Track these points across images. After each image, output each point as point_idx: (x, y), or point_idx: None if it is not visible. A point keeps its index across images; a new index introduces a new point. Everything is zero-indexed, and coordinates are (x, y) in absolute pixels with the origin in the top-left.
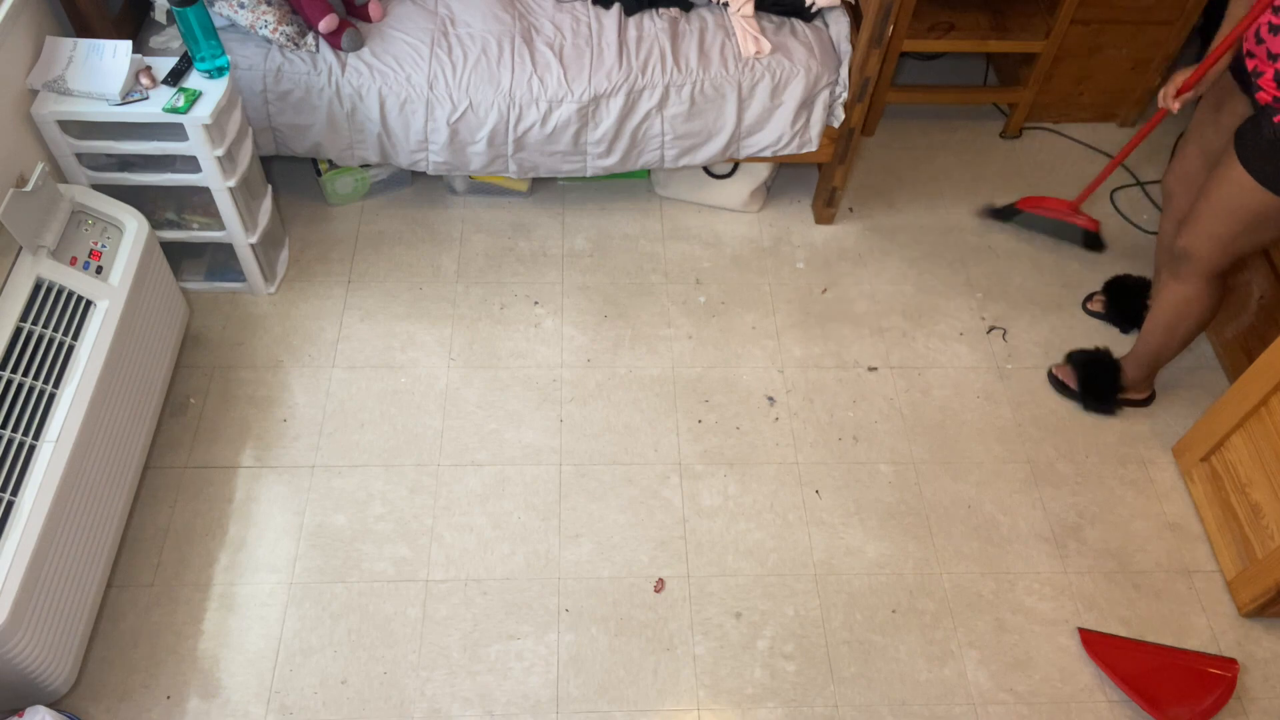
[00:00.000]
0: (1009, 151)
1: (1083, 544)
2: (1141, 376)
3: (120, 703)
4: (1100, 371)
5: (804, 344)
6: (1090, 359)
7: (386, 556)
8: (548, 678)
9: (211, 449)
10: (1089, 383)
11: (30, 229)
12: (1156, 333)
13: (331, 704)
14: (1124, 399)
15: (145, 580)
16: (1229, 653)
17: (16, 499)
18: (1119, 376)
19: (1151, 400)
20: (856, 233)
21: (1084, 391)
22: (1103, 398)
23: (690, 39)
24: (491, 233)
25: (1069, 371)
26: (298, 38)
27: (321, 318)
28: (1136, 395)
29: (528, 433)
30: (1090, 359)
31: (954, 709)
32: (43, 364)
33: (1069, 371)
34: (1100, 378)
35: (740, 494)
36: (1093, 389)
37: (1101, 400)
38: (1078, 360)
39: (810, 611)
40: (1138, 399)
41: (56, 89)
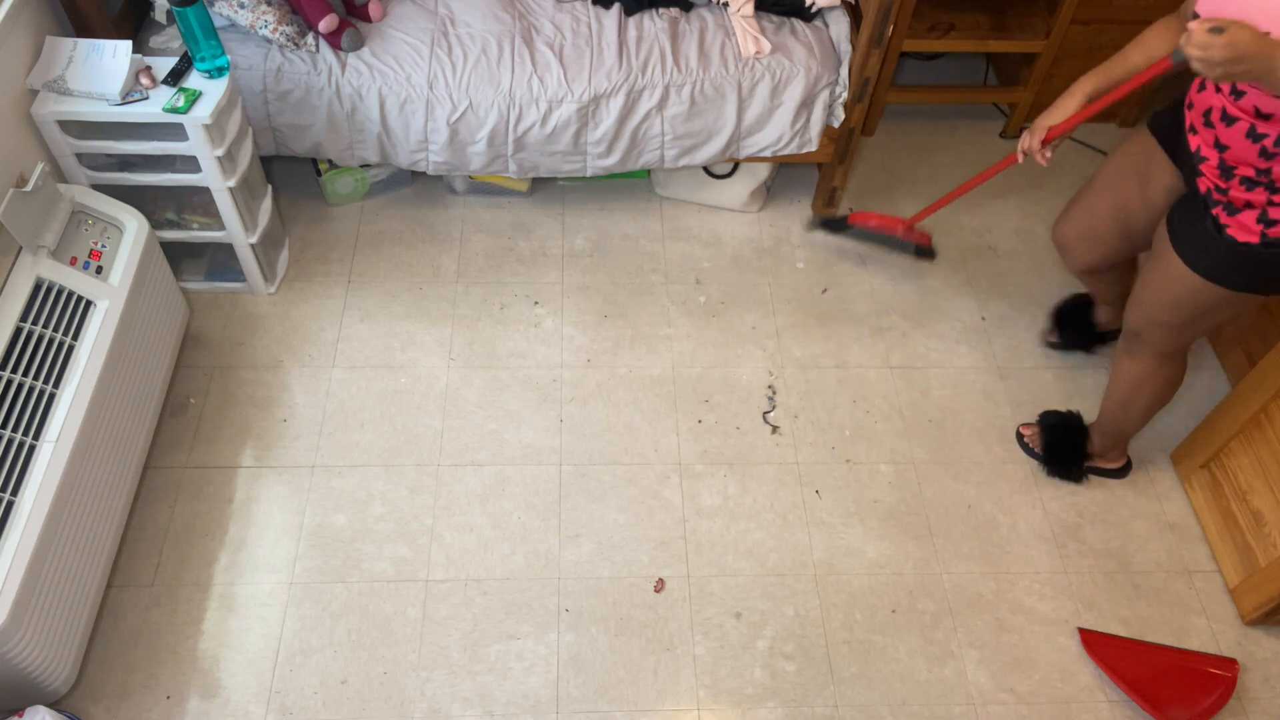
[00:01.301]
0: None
1: (1083, 544)
2: (1108, 446)
3: (120, 703)
4: (1065, 437)
5: (804, 344)
6: (1058, 422)
7: (386, 556)
8: (548, 678)
9: (211, 449)
10: (1052, 448)
11: (30, 229)
12: (1114, 406)
13: (331, 704)
14: (1092, 467)
15: (145, 580)
16: (1229, 653)
17: (16, 499)
18: (1085, 443)
19: (1127, 469)
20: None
21: (1047, 456)
22: (1066, 464)
23: (690, 39)
24: (491, 233)
25: (1036, 433)
26: (298, 38)
27: (321, 318)
28: (1107, 464)
29: (528, 433)
30: (1058, 422)
31: (954, 709)
32: (43, 364)
33: (1036, 433)
34: (1064, 443)
35: (740, 494)
36: (1056, 455)
37: (1064, 467)
38: (1045, 422)
39: (810, 611)
40: (1109, 468)
41: (56, 89)
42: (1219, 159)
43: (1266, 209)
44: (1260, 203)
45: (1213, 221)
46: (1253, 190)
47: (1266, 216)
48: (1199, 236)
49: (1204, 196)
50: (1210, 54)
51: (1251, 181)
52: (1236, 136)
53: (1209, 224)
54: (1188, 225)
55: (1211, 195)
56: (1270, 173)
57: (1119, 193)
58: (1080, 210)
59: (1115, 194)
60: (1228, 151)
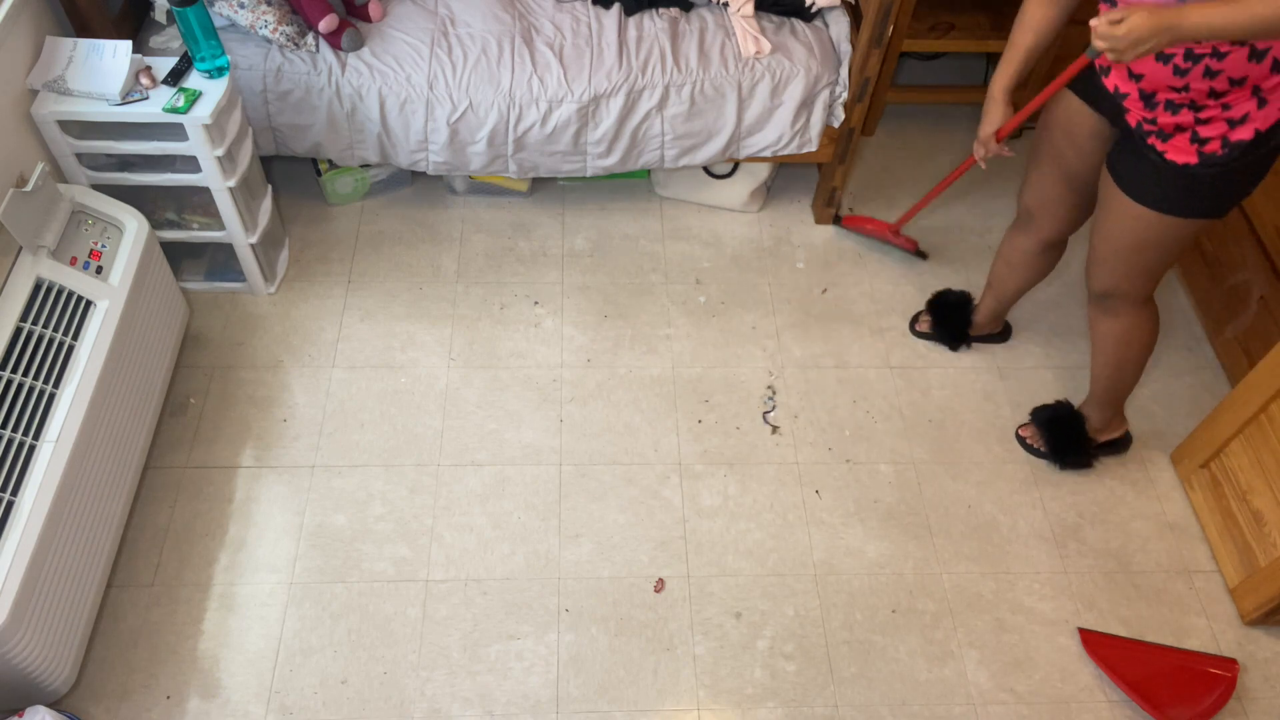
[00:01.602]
0: None
1: (1083, 544)
2: (1108, 417)
3: (120, 703)
4: (1065, 426)
5: (804, 344)
6: (1053, 415)
7: (386, 556)
8: (548, 678)
9: (211, 449)
10: (1056, 441)
11: (30, 229)
12: (1107, 372)
13: (331, 704)
14: (1099, 446)
15: (145, 580)
16: (1229, 653)
17: (16, 499)
18: (1084, 426)
19: (1128, 440)
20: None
21: (1054, 451)
22: (1074, 452)
23: (690, 39)
24: (491, 233)
25: (1035, 432)
26: (298, 38)
27: (321, 318)
28: (1110, 436)
29: (528, 433)
30: (1053, 415)
31: (954, 709)
32: (43, 364)
33: (1035, 432)
34: (1066, 433)
35: (740, 494)
36: (1062, 447)
37: (1074, 455)
38: (1040, 419)
39: (810, 611)
40: (1113, 439)
41: (56, 89)
42: (1137, 90)
43: (1195, 129)
44: (1189, 124)
45: (1151, 151)
46: (1178, 113)
47: (1198, 136)
48: (1143, 171)
49: (1136, 131)
50: (1117, 44)
51: (1174, 105)
52: (1147, 63)
53: (1149, 155)
54: (1129, 165)
55: (1142, 127)
56: (1189, 89)
57: (1055, 155)
58: (1033, 187)
59: (1053, 157)
60: (1143, 80)
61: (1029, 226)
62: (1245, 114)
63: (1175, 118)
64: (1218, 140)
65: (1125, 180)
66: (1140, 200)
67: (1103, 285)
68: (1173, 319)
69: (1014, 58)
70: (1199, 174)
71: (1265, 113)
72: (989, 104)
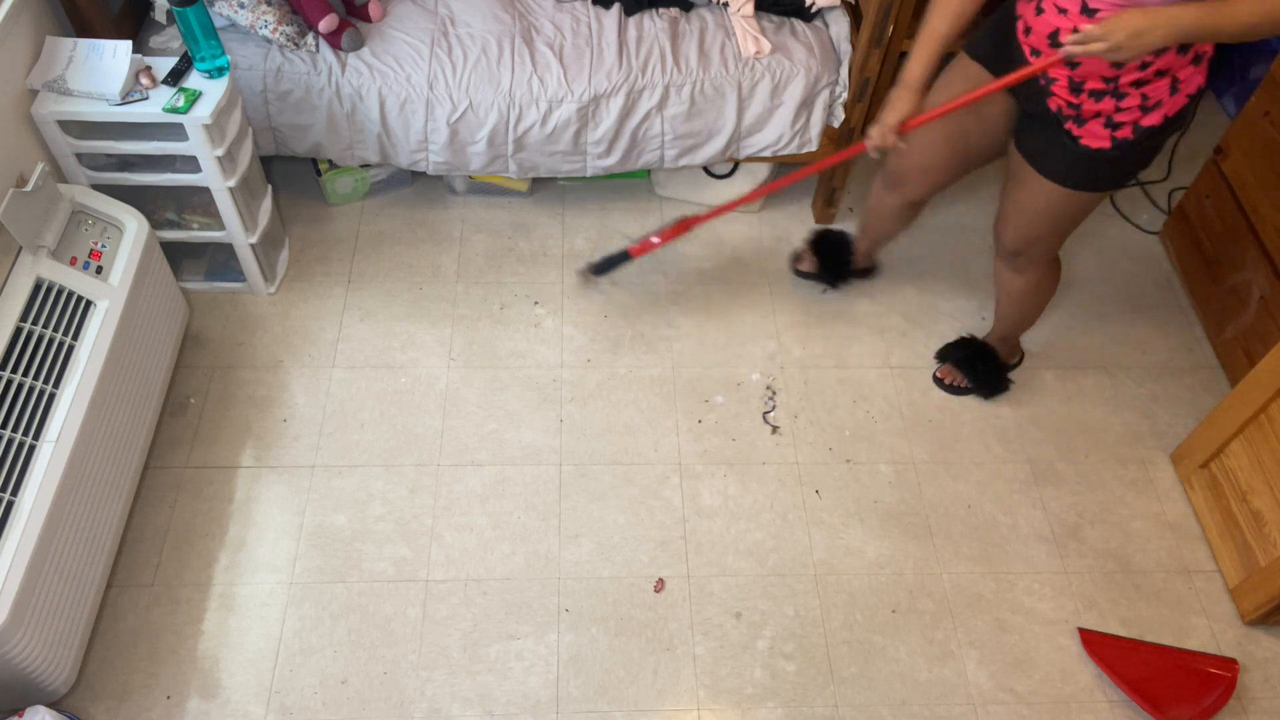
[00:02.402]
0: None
1: (1083, 544)
2: (1012, 348)
3: (120, 703)
4: (981, 360)
5: (804, 344)
6: (967, 353)
7: (386, 556)
8: (548, 678)
9: (211, 449)
10: (978, 375)
11: (30, 229)
12: (1012, 317)
13: (331, 704)
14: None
15: (145, 580)
16: (1229, 653)
17: (16, 499)
18: (997, 356)
19: (1021, 359)
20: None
21: (978, 384)
22: (996, 381)
23: (690, 39)
24: (491, 233)
25: (952, 370)
26: (298, 38)
27: (321, 318)
28: (1011, 361)
29: (528, 433)
30: (967, 353)
31: (954, 709)
32: (43, 364)
33: (952, 370)
34: (985, 364)
35: (740, 494)
36: (983, 379)
37: (996, 384)
38: (956, 359)
39: (810, 611)
40: (1013, 364)
41: (56, 89)
42: (1068, 77)
43: (1112, 115)
44: (1108, 110)
45: (1066, 136)
46: (1101, 100)
47: (1112, 121)
48: (1057, 153)
49: (1055, 115)
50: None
51: (1099, 93)
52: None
53: (1064, 139)
54: (1040, 144)
55: (1063, 112)
56: (1118, 80)
57: (954, 123)
58: (915, 150)
59: (951, 125)
60: (1077, 69)
61: (900, 188)
62: (1159, 101)
63: (1098, 105)
64: (1130, 126)
65: (1037, 159)
66: (1051, 178)
67: (1013, 245)
68: (1173, 319)
69: (930, 46)
70: (1109, 155)
71: (1175, 99)
72: (901, 91)
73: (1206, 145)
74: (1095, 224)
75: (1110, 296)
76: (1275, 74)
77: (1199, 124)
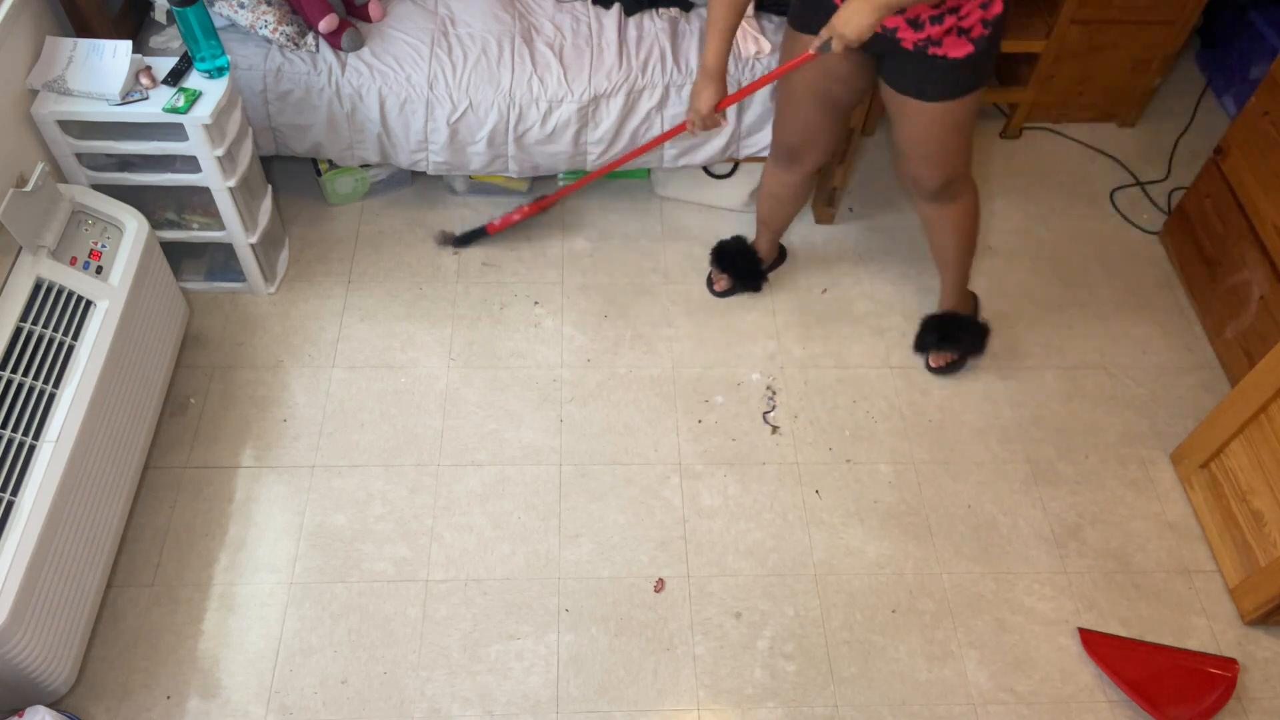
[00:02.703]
0: (1009, 151)
1: (1083, 544)
2: (968, 301)
3: (120, 703)
4: (955, 327)
5: (804, 344)
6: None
7: (386, 556)
8: (548, 678)
9: (211, 449)
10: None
11: (30, 229)
12: (959, 253)
13: (331, 704)
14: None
15: (145, 580)
16: (1229, 653)
17: (16, 499)
18: (970, 319)
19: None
20: (856, 233)
21: (970, 351)
22: (981, 341)
23: (690, 39)
24: None
25: (938, 354)
26: (298, 38)
27: (321, 318)
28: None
29: (528, 433)
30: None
31: (954, 709)
32: (43, 364)
33: (938, 354)
34: (960, 329)
35: (740, 494)
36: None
37: (980, 339)
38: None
39: (810, 611)
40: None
41: (56, 89)
42: (903, 19)
43: (960, 24)
44: (953, 24)
45: (935, 60)
46: (943, 22)
47: (963, 29)
48: (933, 76)
49: (915, 51)
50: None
51: (937, 17)
52: None
53: (934, 63)
54: (915, 76)
55: (918, 44)
56: (944, 2)
57: (818, 93)
58: (794, 125)
59: (819, 97)
60: (905, 12)
61: (796, 164)
62: None
63: (942, 26)
64: (979, 24)
65: (918, 89)
66: (940, 98)
67: (941, 179)
68: (1172, 319)
69: (719, 35)
70: (975, 56)
71: None
72: (705, 79)
73: (1206, 145)
74: (1095, 224)
75: (1110, 296)
76: (1275, 74)
77: (1199, 124)
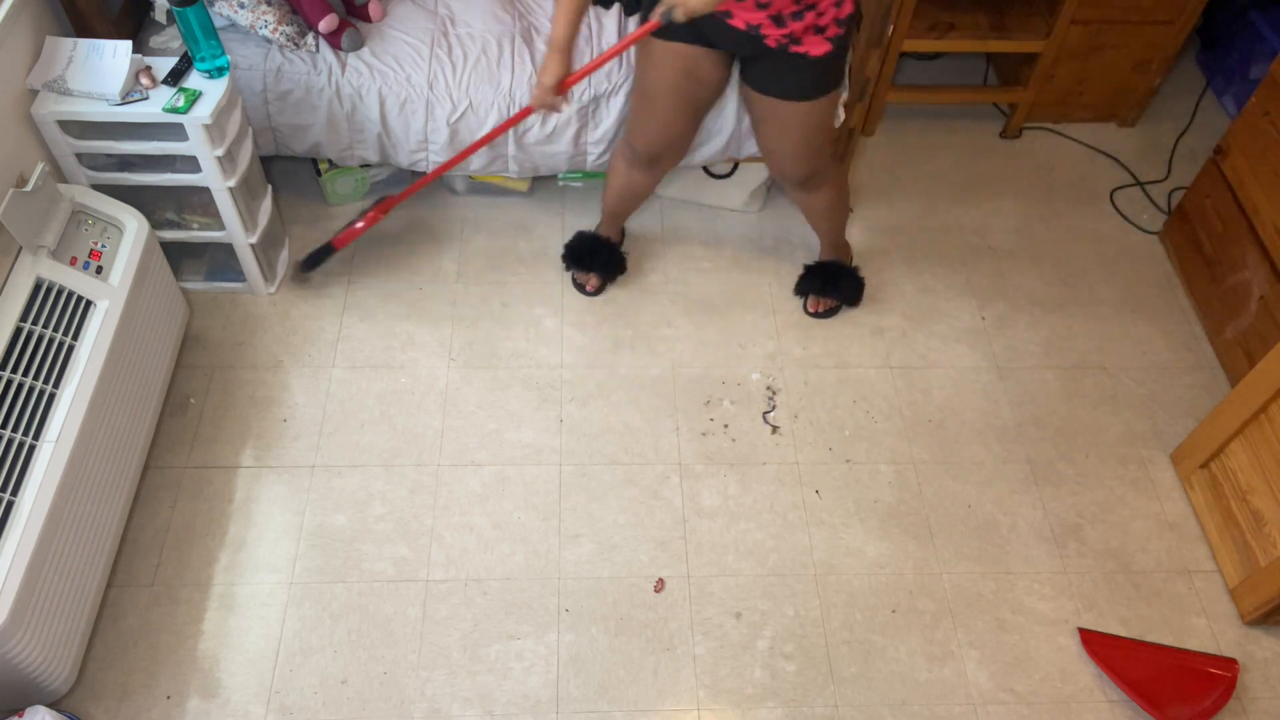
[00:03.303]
0: (1009, 151)
1: (1083, 544)
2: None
3: (120, 703)
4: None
5: (804, 344)
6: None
7: (386, 556)
8: (548, 678)
9: (211, 449)
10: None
11: (30, 229)
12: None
13: (331, 704)
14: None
15: (145, 580)
16: (1229, 653)
17: (16, 499)
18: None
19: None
20: (856, 233)
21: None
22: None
23: None
24: (491, 233)
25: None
26: (298, 38)
27: (321, 318)
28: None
29: (528, 433)
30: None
31: (954, 709)
32: (43, 364)
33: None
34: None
35: (740, 494)
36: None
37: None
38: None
39: (810, 611)
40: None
41: (56, 89)
42: (766, 15)
43: (818, 22)
44: (812, 21)
45: (797, 58)
46: (803, 19)
47: (819, 25)
48: (794, 75)
49: (778, 50)
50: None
51: (798, 13)
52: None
53: (795, 61)
54: (777, 76)
55: (781, 42)
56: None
57: (683, 96)
58: (656, 128)
59: (680, 99)
60: (769, 7)
61: (655, 166)
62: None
63: (803, 23)
64: (833, 23)
65: (780, 89)
66: (802, 97)
67: (804, 173)
68: (1173, 319)
69: (569, 11)
70: (834, 54)
71: None
72: (553, 54)
73: (1206, 145)
74: (1095, 224)
75: (1110, 296)
76: (1275, 74)
77: (1199, 124)
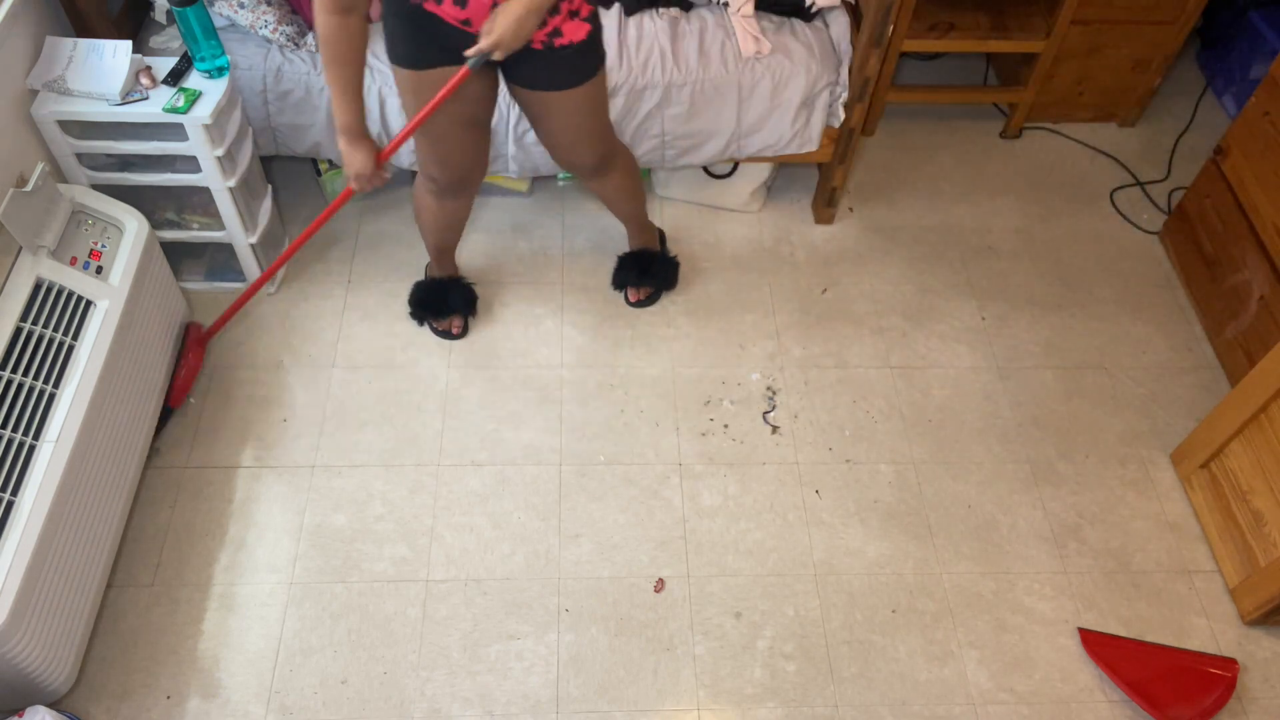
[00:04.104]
0: (1009, 151)
1: (1083, 544)
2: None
3: (120, 703)
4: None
5: (804, 344)
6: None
7: (386, 556)
8: (548, 678)
9: (211, 449)
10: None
11: (30, 229)
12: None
13: (331, 704)
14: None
15: (145, 580)
16: (1229, 653)
17: (16, 499)
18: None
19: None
20: (856, 233)
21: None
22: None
23: (690, 39)
24: (491, 233)
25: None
26: (298, 38)
27: (321, 318)
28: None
29: (528, 433)
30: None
31: (954, 709)
32: (43, 364)
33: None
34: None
35: (740, 494)
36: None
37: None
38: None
39: (810, 611)
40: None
41: (56, 89)
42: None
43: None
44: (567, 8)
45: (563, 50)
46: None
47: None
48: (564, 65)
49: (545, 50)
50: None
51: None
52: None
53: (561, 53)
54: (550, 70)
55: (545, 41)
56: None
57: (463, 119)
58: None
59: (461, 123)
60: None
61: (464, 191)
62: None
63: (559, 16)
64: (584, 3)
65: (553, 81)
66: (577, 85)
67: (595, 158)
68: (1173, 319)
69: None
70: (593, 34)
71: None
72: (355, 141)
73: (1206, 145)
74: (1095, 224)
75: (1110, 296)
76: (1275, 74)
77: (1199, 124)
